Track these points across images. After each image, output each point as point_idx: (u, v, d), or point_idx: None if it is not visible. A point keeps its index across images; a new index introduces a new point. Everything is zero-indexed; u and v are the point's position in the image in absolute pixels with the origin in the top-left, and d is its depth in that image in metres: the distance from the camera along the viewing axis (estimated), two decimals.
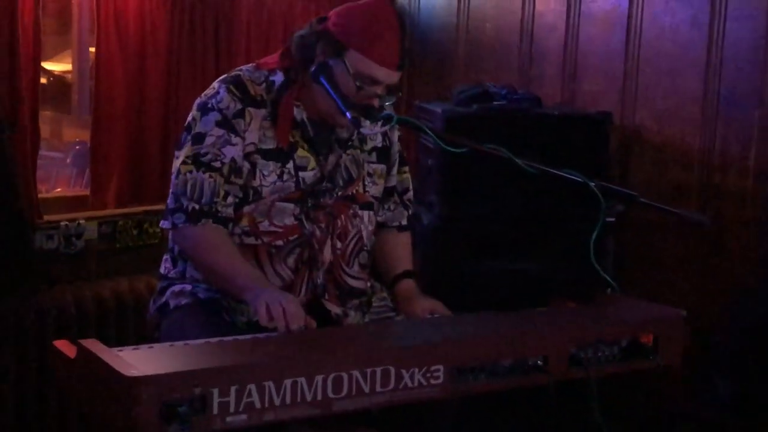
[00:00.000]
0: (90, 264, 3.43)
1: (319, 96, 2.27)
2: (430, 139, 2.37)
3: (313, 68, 2.25)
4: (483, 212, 3.31)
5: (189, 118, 2.34)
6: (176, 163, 2.32)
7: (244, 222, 2.32)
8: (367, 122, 2.34)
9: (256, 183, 2.30)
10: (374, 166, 2.47)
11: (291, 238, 2.33)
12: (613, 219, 3.28)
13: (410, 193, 2.62)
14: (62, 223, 3.35)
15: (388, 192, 2.55)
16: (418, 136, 3.43)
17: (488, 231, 3.30)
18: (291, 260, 2.33)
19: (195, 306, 2.32)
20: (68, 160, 4.59)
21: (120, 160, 3.60)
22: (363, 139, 2.45)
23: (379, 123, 2.34)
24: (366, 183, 2.44)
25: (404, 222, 2.60)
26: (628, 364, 2.09)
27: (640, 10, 3.63)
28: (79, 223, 3.39)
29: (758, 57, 3.37)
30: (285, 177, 2.32)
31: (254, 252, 2.32)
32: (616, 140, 3.59)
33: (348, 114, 2.19)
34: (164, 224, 2.33)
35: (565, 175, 2.28)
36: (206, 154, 2.28)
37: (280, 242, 2.32)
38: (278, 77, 2.34)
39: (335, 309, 2.38)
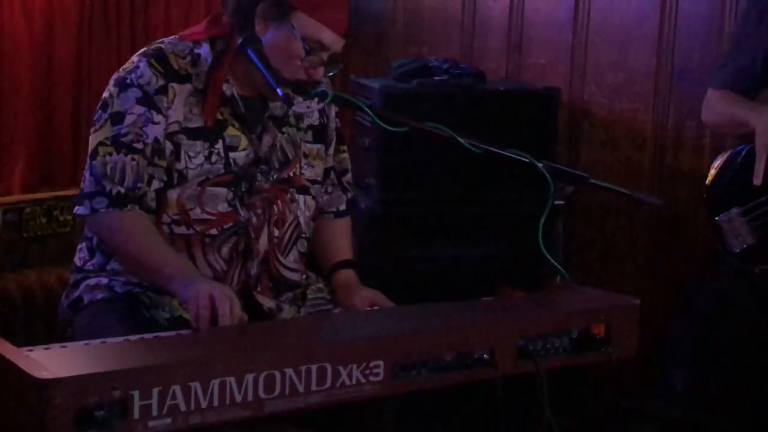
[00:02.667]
0: None
1: (252, 69, 2.26)
2: (367, 117, 2.37)
3: (239, 40, 2.23)
4: (424, 195, 3.32)
5: (105, 94, 2.30)
6: (92, 143, 2.28)
7: (173, 209, 2.28)
8: (300, 99, 2.32)
9: (180, 165, 2.27)
10: (310, 146, 2.46)
11: (225, 226, 2.31)
12: (562, 202, 3.32)
13: (349, 175, 2.61)
14: None
15: (326, 173, 2.53)
16: (354, 114, 3.42)
17: (430, 215, 3.31)
18: (225, 250, 2.32)
19: (111, 301, 2.29)
20: None
21: (26, 141, 3.52)
22: (299, 117, 2.43)
23: (315, 100, 2.33)
24: (302, 165, 2.43)
25: (342, 207, 2.60)
26: (579, 356, 2.10)
27: None
28: None
29: (713, 28, 3.42)
30: (213, 158, 2.29)
31: (186, 242, 2.29)
32: (564, 118, 3.63)
33: (279, 90, 2.18)
34: (80, 210, 2.27)
35: (510, 155, 2.30)
36: (127, 134, 2.24)
37: (214, 231, 2.30)
38: (203, 50, 2.32)
39: (268, 303, 2.37)
